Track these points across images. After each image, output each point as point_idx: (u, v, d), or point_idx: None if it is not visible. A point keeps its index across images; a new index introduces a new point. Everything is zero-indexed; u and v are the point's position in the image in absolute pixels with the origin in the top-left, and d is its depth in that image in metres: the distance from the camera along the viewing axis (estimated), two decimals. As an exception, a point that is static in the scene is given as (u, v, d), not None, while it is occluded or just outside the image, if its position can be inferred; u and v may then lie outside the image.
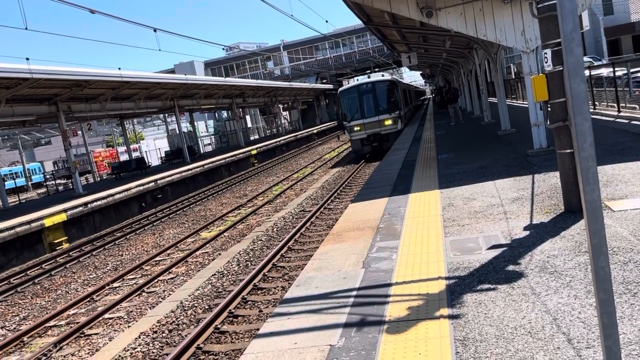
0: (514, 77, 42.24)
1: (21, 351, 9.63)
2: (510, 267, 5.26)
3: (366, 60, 62.78)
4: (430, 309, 4.60)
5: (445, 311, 4.50)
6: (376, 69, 63.82)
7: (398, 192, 10.08)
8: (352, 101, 27.13)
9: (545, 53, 6.62)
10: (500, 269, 5.26)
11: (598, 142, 10.35)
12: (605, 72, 17.81)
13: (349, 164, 26.99)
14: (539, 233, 6.19)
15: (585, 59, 33.52)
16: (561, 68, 6.40)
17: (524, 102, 25.54)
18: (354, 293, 5.27)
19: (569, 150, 6.64)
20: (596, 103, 17.61)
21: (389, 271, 5.72)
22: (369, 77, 30.61)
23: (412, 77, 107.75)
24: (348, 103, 27.39)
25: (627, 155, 9.49)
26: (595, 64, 26.04)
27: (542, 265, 5.18)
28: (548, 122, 6.88)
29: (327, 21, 38.27)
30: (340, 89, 28.27)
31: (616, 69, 15.87)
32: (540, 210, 7.14)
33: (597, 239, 2.60)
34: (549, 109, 6.78)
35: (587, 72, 17.22)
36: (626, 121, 13.79)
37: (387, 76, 28.44)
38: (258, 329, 6.30)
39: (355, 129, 26.78)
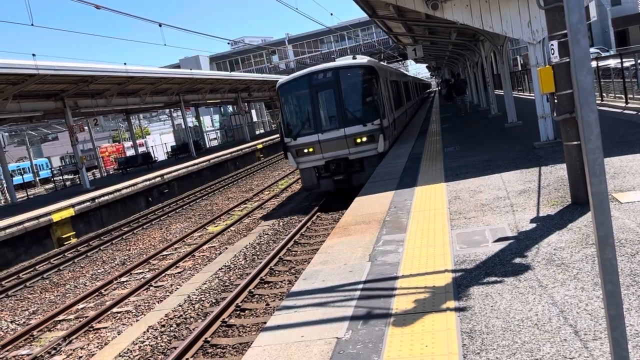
0: (520, 69, 42.00)
1: (31, 345, 9.73)
2: (517, 260, 5.26)
3: (372, 53, 62.55)
4: (437, 301, 4.61)
5: (451, 304, 4.50)
6: (383, 62, 58.71)
7: (404, 185, 10.07)
8: (299, 103, 15.74)
9: (552, 44, 6.57)
10: (507, 262, 5.26)
11: (605, 134, 10.28)
12: (612, 63, 17.67)
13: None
14: (546, 225, 6.17)
15: (593, 50, 33.24)
16: (568, 59, 6.35)
17: (531, 94, 25.41)
18: (361, 286, 5.29)
19: (575, 143, 6.61)
20: (604, 94, 17.48)
21: (396, 264, 5.73)
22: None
23: (417, 70, 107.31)
24: (292, 106, 15.93)
25: (635, 146, 9.43)
26: (603, 55, 25.85)
27: (549, 257, 5.17)
28: (555, 114, 6.84)
29: (332, 14, 38.32)
30: (280, 81, 16.15)
31: (624, 60, 15.74)
32: (547, 203, 7.12)
33: (604, 230, 2.59)
34: (556, 101, 6.74)
35: (594, 64, 17.10)
36: (634, 112, 13.69)
37: (361, 59, 16.27)
38: (265, 322, 6.33)
39: (305, 150, 15.29)
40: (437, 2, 11.48)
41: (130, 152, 47.17)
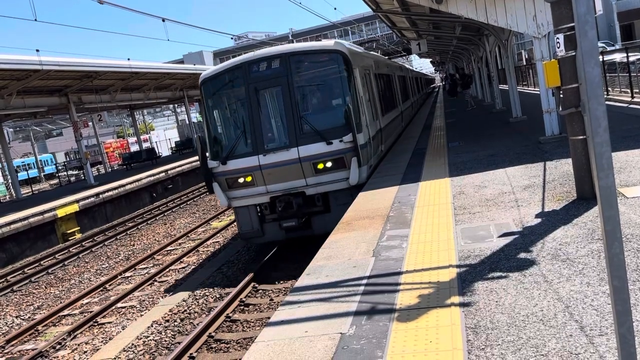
0: (525, 63, 41.80)
1: (36, 340, 9.77)
2: (522, 255, 5.23)
3: (375, 48, 62.41)
4: (441, 296, 4.59)
5: (456, 299, 4.48)
6: (386, 57, 52.00)
7: (408, 180, 10.04)
8: (230, 107, 11.26)
9: (558, 38, 6.51)
10: (512, 257, 5.23)
11: (611, 129, 10.20)
12: (618, 57, 17.57)
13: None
14: (551, 220, 6.13)
15: (599, 44, 33.00)
16: (573, 53, 6.30)
17: (536, 89, 25.30)
18: (364, 281, 5.27)
19: (581, 137, 6.55)
20: (609, 89, 17.38)
21: (400, 259, 5.71)
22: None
23: (421, 65, 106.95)
24: (220, 112, 11.35)
25: (640, 141, 9.36)
26: (609, 49, 25.69)
27: (554, 252, 5.13)
28: (560, 109, 6.79)
29: (335, 9, 37.87)
30: (204, 74, 11.26)
31: (630, 54, 15.63)
32: (552, 198, 7.07)
33: (611, 225, 2.56)
34: (561, 95, 6.69)
35: (600, 58, 16.97)
36: (640, 107, 13.60)
37: (328, 43, 11.21)
38: (269, 318, 6.33)
39: (240, 180, 10.65)
40: (442, -4, 11.39)
41: (134, 148, 47.29)
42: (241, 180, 10.51)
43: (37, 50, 18.77)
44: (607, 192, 2.55)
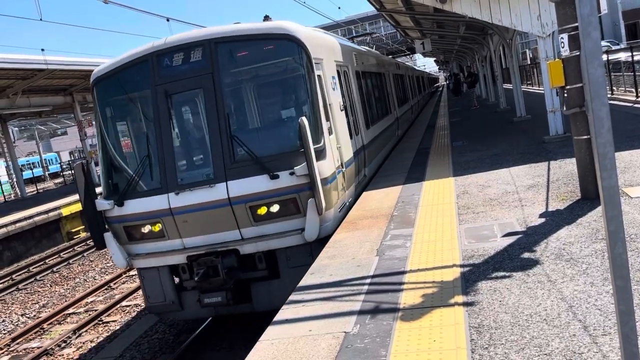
0: (529, 62, 41.71)
1: (41, 338, 9.83)
2: (526, 255, 5.23)
3: (379, 47, 62.35)
4: (445, 296, 4.60)
5: (459, 298, 4.49)
6: (389, 56, 41.05)
7: (412, 179, 10.04)
8: (131, 119, 7.92)
9: (562, 38, 6.51)
10: (516, 257, 5.24)
11: (615, 128, 10.18)
12: (623, 56, 17.51)
13: None
14: (555, 220, 6.13)
15: (603, 43, 32.93)
16: (578, 53, 6.29)
17: (540, 88, 25.22)
18: (368, 281, 5.29)
19: (585, 137, 6.55)
20: (614, 88, 17.33)
21: (403, 259, 5.72)
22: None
23: (425, 64, 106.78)
24: (117, 127, 8.04)
25: (645, 141, 9.34)
26: (613, 48, 25.61)
27: (558, 252, 5.14)
28: (564, 108, 6.79)
29: (339, 8, 37.94)
30: (97, 70, 7.92)
31: (634, 53, 15.58)
32: (556, 198, 7.07)
33: (614, 225, 2.57)
34: (566, 95, 6.68)
35: (604, 57, 16.93)
36: (645, 106, 13.56)
37: (273, 24, 7.66)
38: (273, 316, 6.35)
39: (145, 230, 7.37)
40: (446, -4, 11.39)
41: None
42: (146, 229, 7.28)
43: (42, 50, 18.84)
44: (611, 193, 2.56)
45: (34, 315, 11.32)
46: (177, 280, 7.52)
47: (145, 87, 7.43)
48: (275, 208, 6.99)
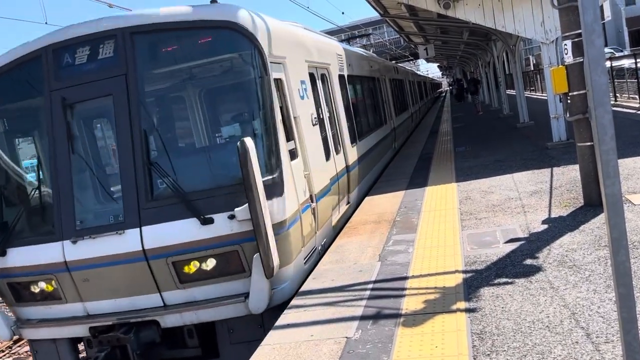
0: (532, 68, 41.73)
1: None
2: (528, 261, 5.22)
3: (383, 52, 62.48)
4: (447, 302, 4.59)
5: (462, 304, 4.49)
6: (392, 61, 39.37)
7: (415, 185, 10.04)
8: (21, 136, 6.22)
9: (565, 44, 6.52)
10: (518, 263, 5.23)
11: (619, 135, 10.17)
12: (626, 63, 17.51)
13: None
14: (558, 227, 6.12)
15: (607, 50, 32.94)
16: (581, 60, 6.30)
17: (543, 94, 25.22)
18: (370, 286, 5.28)
19: (589, 143, 6.55)
20: (617, 95, 17.32)
21: (406, 264, 5.72)
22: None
23: (429, 69, 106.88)
24: (2, 147, 5.95)
25: (648, 148, 9.33)
26: (617, 55, 25.61)
27: (561, 259, 5.13)
28: (568, 115, 6.80)
29: (343, 13, 38.01)
30: None
31: (638, 60, 15.57)
32: (559, 204, 7.06)
33: (617, 232, 2.57)
34: (569, 101, 6.69)
35: (608, 64, 16.94)
36: (648, 113, 13.55)
37: (213, 9, 5.50)
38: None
39: (35, 289, 5.58)
40: (449, 2, 11.42)
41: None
42: (36, 288, 5.58)
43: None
44: (613, 200, 2.56)
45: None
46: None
47: (36, 93, 5.59)
48: (209, 265, 5.20)
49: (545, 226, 6.24)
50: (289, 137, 5.92)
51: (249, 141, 4.79)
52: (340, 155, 8.24)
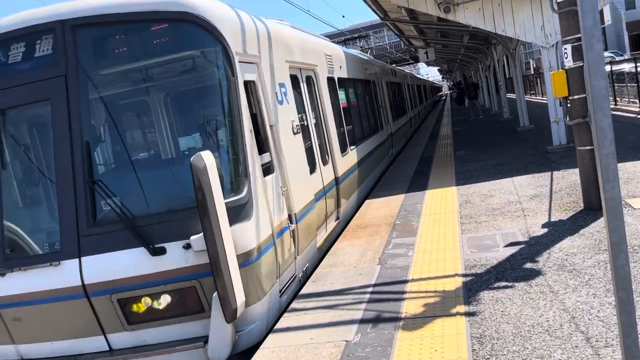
0: (532, 72, 41.77)
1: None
2: (528, 265, 5.22)
3: (383, 55, 62.57)
4: (447, 306, 4.59)
5: (461, 308, 4.48)
6: (393, 64, 37.90)
7: (415, 188, 10.04)
8: None
9: (565, 48, 6.53)
10: (518, 267, 5.23)
11: (619, 139, 10.19)
12: (627, 67, 17.53)
13: None
14: (558, 231, 6.12)
15: (607, 54, 32.98)
16: (581, 64, 6.31)
17: (543, 98, 25.25)
18: (370, 289, 5.28)
19: (589, 147, 6.55)
20: (617, 99, 17.34)
21: (405, 268, 5.72)
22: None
23: (429, 73, 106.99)
24: None
25: (648, 152, 9.34)
26: (617, 59, 25.65)
27: (561, 263, 5.13)
28: (567, 119, 6.80)
29: (343, 16, 38.16)
30: None
31: (638, 64, 15.60)
32: (559, 208, 7.07)
33: (616, 236, 2.57)
34: (569, 105, 6.70)
35: (608, 68, 16.96)
36: (648, 117, 13.57)
37: None
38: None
39: None
40: (450, 5, 11.45)
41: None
42: None
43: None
44: (613, 204, 2.56)
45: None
46: None
47: None
48: (161, 302, 4.44)
49: (545, 230, 6.24)
50: (263, 148, 5.19)
51: (207, 155, 4.01)
52: (328, 167, 7.56)
